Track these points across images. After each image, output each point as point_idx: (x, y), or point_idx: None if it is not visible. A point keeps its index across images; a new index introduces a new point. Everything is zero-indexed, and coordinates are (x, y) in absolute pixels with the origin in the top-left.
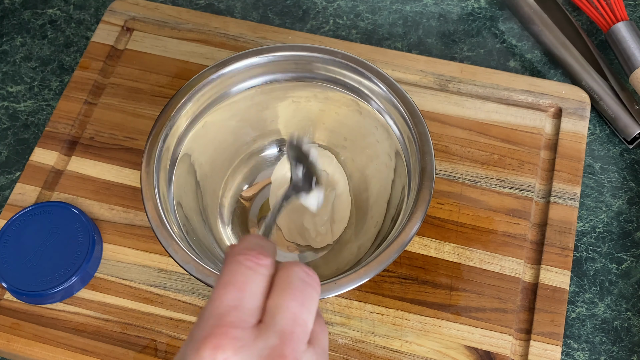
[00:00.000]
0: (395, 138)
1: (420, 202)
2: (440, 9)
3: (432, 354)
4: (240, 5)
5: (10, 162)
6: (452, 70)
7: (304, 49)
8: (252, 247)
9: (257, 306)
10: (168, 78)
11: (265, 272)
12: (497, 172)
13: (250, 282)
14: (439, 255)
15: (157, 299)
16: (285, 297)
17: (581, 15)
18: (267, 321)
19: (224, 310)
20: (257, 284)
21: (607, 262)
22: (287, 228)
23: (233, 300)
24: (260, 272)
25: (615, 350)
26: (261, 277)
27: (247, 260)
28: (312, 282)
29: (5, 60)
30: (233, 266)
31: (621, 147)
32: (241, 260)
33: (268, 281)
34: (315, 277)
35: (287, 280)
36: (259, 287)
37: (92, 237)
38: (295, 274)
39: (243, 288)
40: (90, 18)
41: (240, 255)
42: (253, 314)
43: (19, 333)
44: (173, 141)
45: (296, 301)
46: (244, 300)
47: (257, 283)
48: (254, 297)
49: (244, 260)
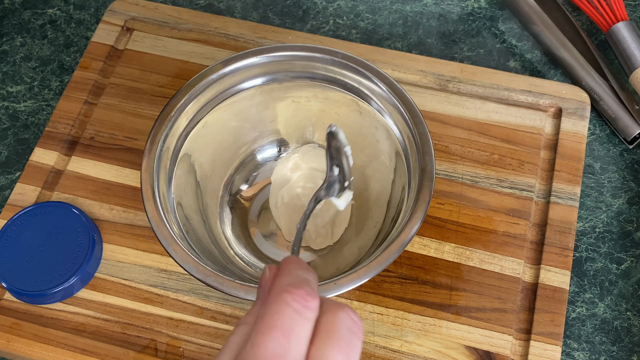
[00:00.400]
0: (395, 138)
1: (420, 202)
2: (440, 9)
3: (432, 354)
4: (240, 5)
5: (10, 162)
6: (452, 70)
7: (304, 49)
8: (299, 284)
9: (302, 354)
10: (168, 78)
11: (313, 317)
12: (497, 172)
13: (297, 327)
14: (439, 255)
15: (157, 299)
16: (332, 348)
17: (581, 15)
18: None
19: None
20: (304, 330)
21: (607, 262)
22: (287, 228)
23: (278, 349)
24: (308, 317)
25: (615, 350)
26: (309, 323)
27: (294, 302)
28: (358, 332)
29: (5, 60)
30: (279, 307)
31: (621, 147)
32: (288, 301)
33: (314, 325)
34: (361, 325)
35: (333, 329)
36: (306, 333)
37: (92, 237)
38: (342, 321)
39: (289, 335)
40: (90, 18)
41: (287, 293)
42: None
43: (19, 333)
44: (173, 141)
45: (342, 354)
46: (289, 349)
47: (304, 329)
48: (300, 345)
49: (292, 301)
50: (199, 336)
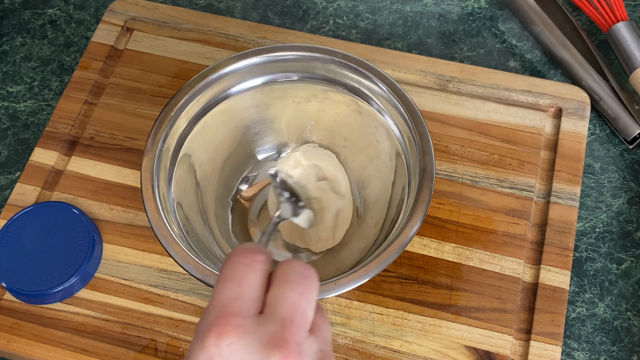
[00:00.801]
0: (395, 138)
1: (420, 202)
2: (440, 9)
3: (432, 354)
4: (240, 5)
5: (10, 162)
6: (452, 70)
7: (304, 49)
8: (247, 247)
9: (256, 297)
10: (168, 78)
11: (262, 268)
12: (497, 172)
13: (247, 276)
14: (439, 255)
15: (157, 299)
16: (284, 288)
17: (581, 15)
18: (268, 311)
19: (224, 302)
20: (255, 277)
21: (607, 262)
22: (286, 230)
23: (232, 293)
24: (257, 267)
25: (615, 350)
26: (258, 272)
27: (243, 258)
28: (309, 275)
29: (5, 60)
30: (230, 264)
31: (621, 147)
32: (237, 259)
33: (265, 276)
34: (312, 271)
35: (285, 274)
36: (257, 280)
37: (92, 237)
38: (292, 268)
39: (241, 282)
40: (90, 18)
41: (236, 254)
42: (253, 305)
43: (19, 333)
44: (173, 141)
45: (295, 291)
46: (242, 292)
47: (254, 276)
48: (252, 289)
49: (240, 258)
50: None
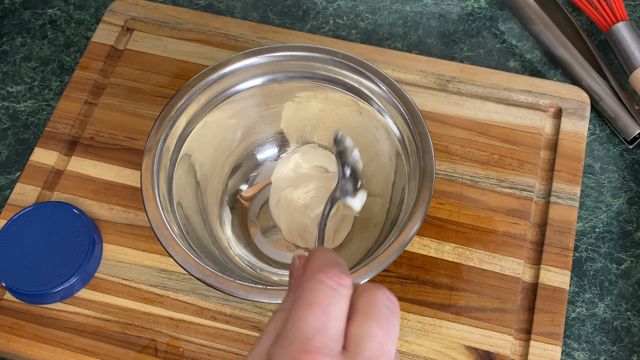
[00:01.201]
0: (395, 138)
1: (420, 202)
2: (440, 9)
3: (432, 354)
4: (240, 5)
5: (10, 162)
6: (452, 70)
7: (304, 49)
8: (331, 264)
9: (341, 331)
10: (168, 78)
11: (347, 294)
12: (497, 172)
13: (334, 304)
14: (439, 255)
15: (157, 299)
16: (371, 325)
17: (581, 15)
18: (353, 350)
19: (310, 334)
20: (341, 305)
21: (607, 262)
22: (287, 229)
23: (318, 323)
24: (344, 294)
25: (615, 350)
26: (344, 300)
27: (329, 280)
28: (395, 310)
29: (5, 60)
30: (314, 284)
31: (621, 147)
32: (323, 279)
33: (349, 303)
34: (397, 304)
35: (371, 307)
36: (342, 309)
37: (92, 237)
38: (379, 300)
39: (328, 310)
40: (90, 18)
41: (321, 273)
42: (338, 340)
43: (19, 333)
44: (173, 141)
45: (382, 330)
46: (329, 323)
47: (340, 304)
48: (338, 321)
49: (326, 279)
50: (199, 336)
